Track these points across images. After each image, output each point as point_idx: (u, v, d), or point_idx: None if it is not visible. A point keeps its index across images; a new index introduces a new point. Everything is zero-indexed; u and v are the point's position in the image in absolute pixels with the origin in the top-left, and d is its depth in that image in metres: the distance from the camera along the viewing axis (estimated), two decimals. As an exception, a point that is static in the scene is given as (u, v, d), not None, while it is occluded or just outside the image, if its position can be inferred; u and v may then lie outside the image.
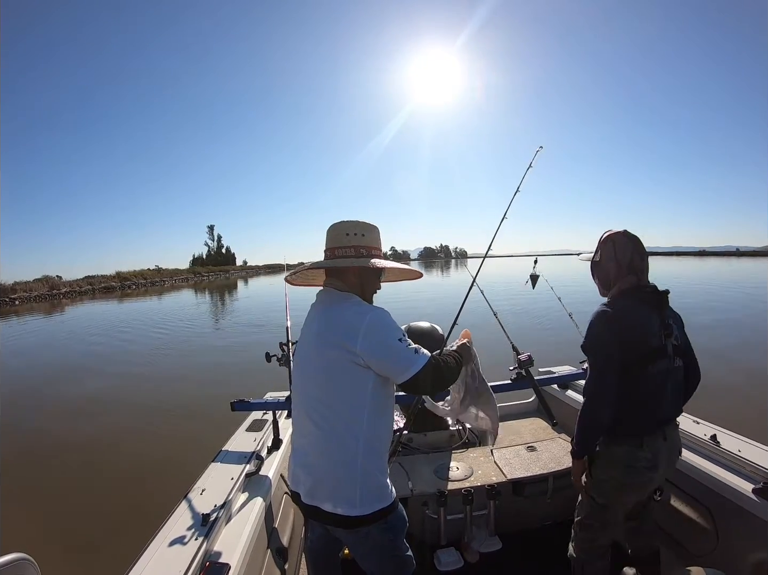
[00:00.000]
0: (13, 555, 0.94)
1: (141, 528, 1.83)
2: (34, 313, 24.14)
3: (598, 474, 1.59)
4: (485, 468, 2.40)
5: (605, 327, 1.53)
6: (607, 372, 1.49)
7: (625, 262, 1.60)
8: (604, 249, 1.65)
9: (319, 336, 1.35)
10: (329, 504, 1.31)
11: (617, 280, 1.61)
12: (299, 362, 1.45)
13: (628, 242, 1.61)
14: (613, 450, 1.56)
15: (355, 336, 1.26)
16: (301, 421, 1.40)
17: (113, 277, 50.44)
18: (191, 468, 2.04)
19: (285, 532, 1.92)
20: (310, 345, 1.38)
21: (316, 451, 1.34)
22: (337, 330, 1.31)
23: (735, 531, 1.66)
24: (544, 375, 2.81)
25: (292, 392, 1.59)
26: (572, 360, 2.99)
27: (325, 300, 1.43)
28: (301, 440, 1.41)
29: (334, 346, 1.29)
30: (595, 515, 1.66)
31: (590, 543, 1.71)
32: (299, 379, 1.44)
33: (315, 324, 1.39)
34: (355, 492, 1.30)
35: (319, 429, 1.33)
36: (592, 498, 1.63)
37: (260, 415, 2.49)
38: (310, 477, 1.35)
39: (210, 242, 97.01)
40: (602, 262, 1.65)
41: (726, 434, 1.89)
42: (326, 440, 1.32)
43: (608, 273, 1.64)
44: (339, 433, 1.31)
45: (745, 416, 3.64)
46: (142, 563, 1.34)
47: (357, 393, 1.31)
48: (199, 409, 6.21)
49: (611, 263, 1.62)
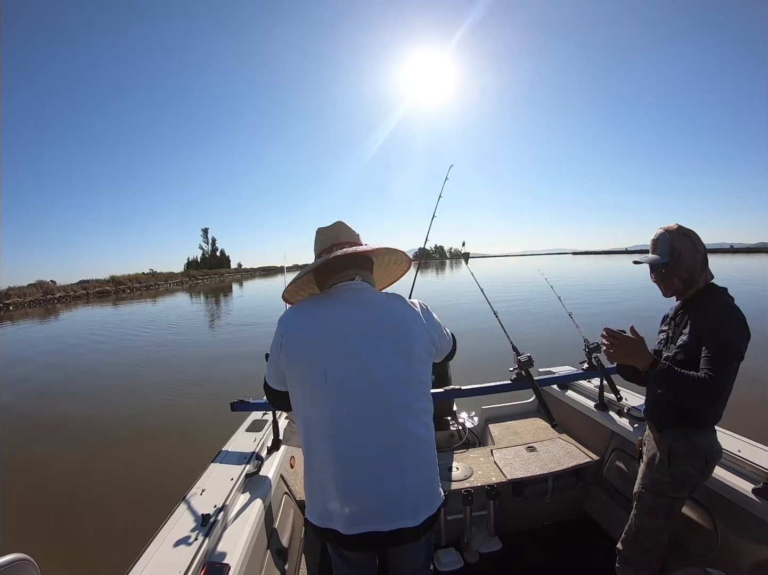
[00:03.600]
0: (13, 555, 0.93)
1: (141, 528, 1.82)
2: (35, 315, 23.94)
3: (680, 467, 1.54)
4: (485, 468, 2.40)
5: (744, 321, 1.45)
6: (735, 369, 1.41)
7: (703, 253, 1.55)
8: (683, 244, 1.54)
9: (382, 328, 1.22)
10: (414, 515, 1.16)
11: (702, 272, 1.55)
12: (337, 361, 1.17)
13: (695, 233, 1.56)
14: (697, 439, 1.54)
15: (425, 320, 1.29)
16: (365, 433, 1.15)
17: (108, 281, 50.29)
18: (191, 469, 2.02)
19: (285, 533, 1.91)
20: (371, 340, 1.20)
21: (398, 458, 1.16)
22: (413, 319, 1.26)
23: (735, 531, 1.65)
24: (544, 375, 2.81)
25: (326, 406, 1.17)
26: (572, 361, 3.00)
27: (366, 289, 1.29)
28: (363, 457, 1.15)
29: (416, 337, 1.24)
30: (666, 513, 1.59)
31: (656, 547, 1.65)
32: (356, 385, 1.16)
33: (369, 315, 1.23)
34: (437, 488, 1.24)
35: (403, 431, 1.18)
36: (663, 497, 1.58)
37: (260, 415, 2.48)
38: (392, 495, 1.15)
39: (204, 245, 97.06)
40: (683, 257, 1.54)
41: (726, 434, 1.89)
42: (414, 441, 1.19)
43: (694, 267, 1.54)
44: (416, 431, 1.20)
45: (744, 416, 3.65)
46: (142, 563, 1.33)
47: (428, 380, 1.29)
48: (199, 409, 6.20)
49: (697, 256, 1.54)
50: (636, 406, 2.31)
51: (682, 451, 1.54)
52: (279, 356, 1.22)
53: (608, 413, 2.43)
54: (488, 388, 2.45)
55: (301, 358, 1.19)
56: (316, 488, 1.20)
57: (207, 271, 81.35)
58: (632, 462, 2.16)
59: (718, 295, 1.54)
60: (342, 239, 1.33)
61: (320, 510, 1.18)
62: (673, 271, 1.56)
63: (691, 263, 1.54)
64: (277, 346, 1.22)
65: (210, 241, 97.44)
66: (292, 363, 1.20)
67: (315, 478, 1.20)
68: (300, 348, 1.19)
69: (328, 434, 1.16)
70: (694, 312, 1.53)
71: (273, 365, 1.27)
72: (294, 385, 1.23)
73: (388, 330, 1.22)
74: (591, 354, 2.54)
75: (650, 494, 1.60)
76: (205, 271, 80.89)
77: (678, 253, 1.54)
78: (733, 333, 1.42)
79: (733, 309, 1.47)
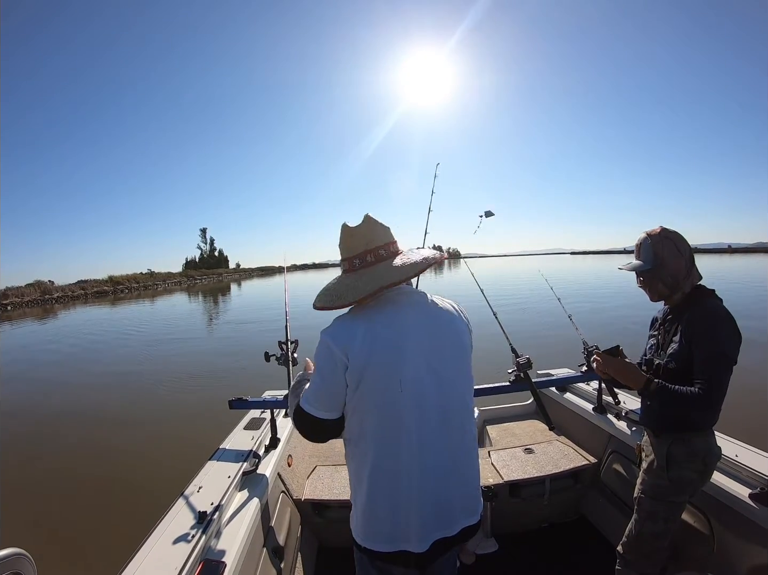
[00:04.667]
0: (9, 550, 0.93)
1: (137, 525, 1.82)
2: (33, 315, 23.88)
3: (679, 471, 1.54)
4: (482, 469, 2.39)
5: (734, 324, 1.44)
6: (729, 376, 1.41)
7: (687, 256, 1.53)
8: (666, 248, 1.53)
9: (441, 328, 1.20)
10: (476, 510, 1.22)
11: (687, 276, 1.54)
12: (409, 376, 1.12)
13: (678, 235, 1.55)
14: (694, 443, 1.53)
15: (465, 322, 1.27)
16: (437, 439, 1.14)
17: (106, 281, 50.23)
18: (188, 466, 2.02)
19: (281, 531, 1.90)
20: (431, 350, 1.16)
21: (462, 459, 1.19)
22: (458, 319, 1.25)
23: (732, 536, 1.65)
24: (543, 377, 2.81)
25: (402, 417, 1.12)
26: (571, 363, 3.00)
27: (414, 291, 1.26)
28: (437, 463, 1.14)
29: (462, 332, 1.24)
30: (666, 517, 1.59)
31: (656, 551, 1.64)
32: (429, 389, 1.14)
33: (424, 323, 1.19)
34: (479, 486, 1.26)
35: (461, 431, 1.19)
36: (662, 502, 1.58)
37: (258, 414, 2.48)
38: (460, 495, 1.18)
39: (203, 245, 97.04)
40: (666, 262, 1.53)
41: (723, 439, 1.89)
42: (471, 440, 1.22)
43: (679, 271, 1.53)
44: (472, 430, 1.25)
45: (742, 421, 3.65)
46: (138, 560, 1.33)
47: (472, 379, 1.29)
48: (197, 407, 6.19)
49: (680, 260, 1.52)
50: (634, 410, 2.30)
51: (680, 455, 1.53)
52: (337, 374, 1.10)
53: (606, 416, 2.43)
54: (486, 390, 2.45)
55: (374, 370, 1.09)
56: (385, 509, 1.13)
57: (205, 271, 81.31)
58: (630, 466, 2.16)
59: (706, 299, 1.52)
60: (377, 242, 1.19)
61: (389, 533, 1.13)
62: (657, 277, 1.55)
63: (675, 268, 1.53)
64: (335, 364, 1.10)
65: (208, 241, 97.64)
66: (364, 378, 1.09)
67: (382, 499, 1.13)
68: (371, 360, 1.09)
69: (406, 445, 1.11)
70: (683, 319, 1.52)
71: (322, 388, 1.14)
72: (362, 402, 1.12)
73: (447, 332, 1.20)
74: (590, 357, 2.53)
75: (650, 499, 1.59)
76: (203, 271, 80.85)
77: (660, 258, 1.53)
78: (725, 341, 1.41)
79: (722, 313, 1.46)
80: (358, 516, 1.17)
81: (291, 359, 2.13)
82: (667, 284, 1.55)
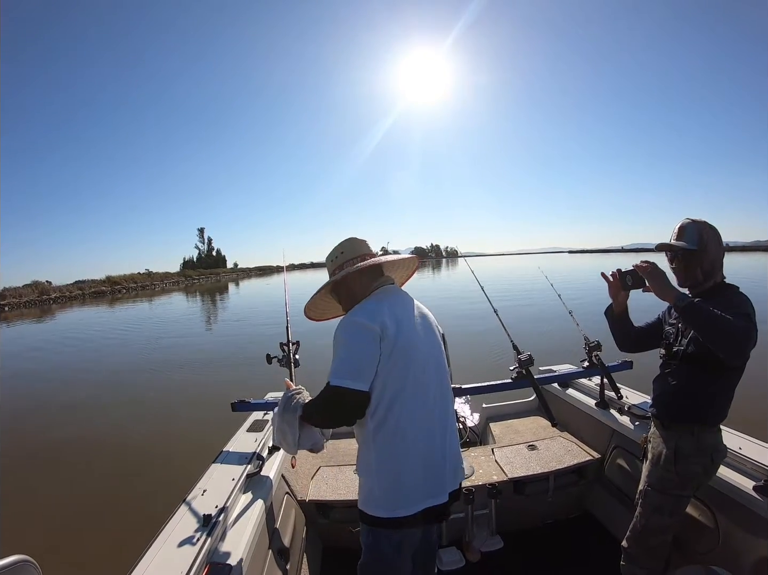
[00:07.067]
0: (15, 557, 0.92)
1: (142, 529, 1.81)
2: (30, 316, 23.80)
3: (686, 466, 1.55)
4: (486, 467, 2.40)
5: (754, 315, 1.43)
6: (754, 337, 1.36)
7: (724, 251, 1.56)
8: (711, 235, 1.53)
9: (427, 318, 1.46)
10: (462, 471, 1.49)
11: (721, 268, 1.55)
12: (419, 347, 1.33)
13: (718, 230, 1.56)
14: (703, 438, 1.54)
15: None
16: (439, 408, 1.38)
17: (103, 281, 50.06)
18: (192, 469, 2.01)
19: (286, 533, 1.90)
20: (424, 329, 1.41)
21: (452, 421, 1.45)
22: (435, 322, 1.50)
23: (737, 528, 1.66)
24: (545, 374, 2.81)
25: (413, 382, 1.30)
26: (572, 359, 3.00)
27: (401, 290, 1.51)
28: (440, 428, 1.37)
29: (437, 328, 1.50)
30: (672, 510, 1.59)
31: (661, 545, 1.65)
32: (425, 364, 1.34)
33: (416, 311, 1.43)
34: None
35: (451, 401, 1.47)
36: (669, 495, 1.58)
37: (261, 416, 2.47)
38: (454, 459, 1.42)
39: (200, 245, 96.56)
40: (710, 249, 1.52)
41: (727, 431, 1.90)
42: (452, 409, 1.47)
43: (717, 260, 1.54)
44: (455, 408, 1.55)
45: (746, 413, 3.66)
46: (144, 564, 1.32)
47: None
48: (200, 410, 6.17)
49: (721, 251, 1.54)
50: (637, 404, 2.31)
51: (688, 449, 1.54)
52: (372, 345, 1.23)
53: (609, 411, 2.43)
54: (489, 387, 2.45)
55: (403, 340, 1.27)
56: (419, 470, 1.29)
57: (203, 270, 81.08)
58: (633, 460, 2.16)
59: (731, 290, 1.54)
60: (366, 251, 1.48)
61: (422, 491, 1.30)
62: (697, 261, 1.54)
63: (715, 256, 1.53)
64: (372, 337, 1.24)
65: (206, 241, 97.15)
66: (396, 346, 1.25)
67: (417, 459, 1.29)
68: (400, 331, 1.27)
69: (431, 407, 1.34)
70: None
71: (354, 358, 1.24)
72: (395, 368, 1.26)
73: (432, 324, 1.46)
74: (591, 353, 2.54)
75: (656, 492, 1.60)
76: (201, 270, 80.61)
77: (705, 243, 1.52)
78: (752, 314, 1.42)
79: (747, 300, 1.47)
80: (383, 489, 1.29)
81: (293, 361, 2.13)
82: (704, 270, 1.55)
